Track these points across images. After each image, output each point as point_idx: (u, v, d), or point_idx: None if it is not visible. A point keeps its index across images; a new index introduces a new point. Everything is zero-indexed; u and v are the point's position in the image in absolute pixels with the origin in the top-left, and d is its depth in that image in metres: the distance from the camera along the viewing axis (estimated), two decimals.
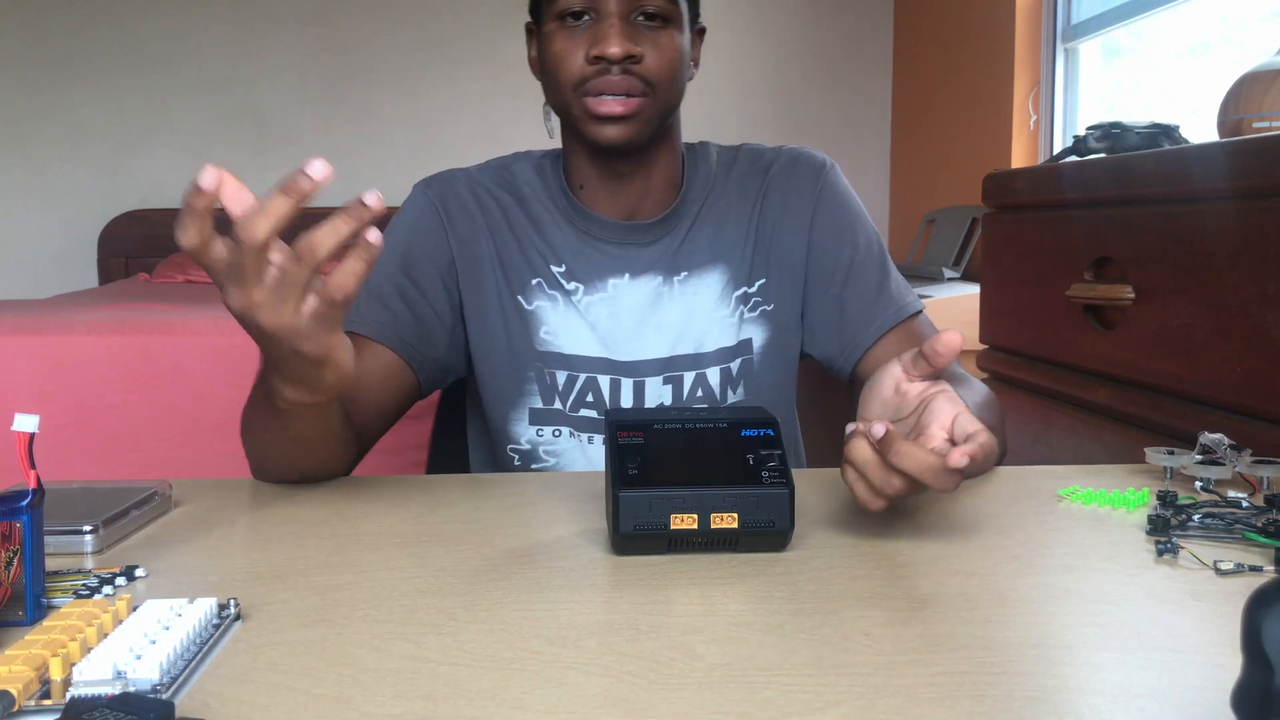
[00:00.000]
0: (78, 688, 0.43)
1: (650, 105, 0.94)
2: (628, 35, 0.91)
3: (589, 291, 1.02)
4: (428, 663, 0.48)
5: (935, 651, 0.49)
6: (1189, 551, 0.63)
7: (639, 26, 0.93)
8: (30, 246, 3.96)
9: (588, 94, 0.93)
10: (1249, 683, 0.34)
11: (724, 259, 1.04)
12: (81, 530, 0.66)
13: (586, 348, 1.02)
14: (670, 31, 0.94)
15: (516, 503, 0.78)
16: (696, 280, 1.03)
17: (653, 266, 1.03)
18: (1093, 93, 2.74)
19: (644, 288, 1.03)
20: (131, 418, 1.89)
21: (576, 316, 1.02)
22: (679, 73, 0.96)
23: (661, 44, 0.93)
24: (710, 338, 1.03)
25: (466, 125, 3.96)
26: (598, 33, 0.92)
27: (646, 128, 0.95)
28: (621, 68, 0.92)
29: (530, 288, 1.03)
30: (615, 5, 0.92)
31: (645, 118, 0.94)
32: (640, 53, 0.92)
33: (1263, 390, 1.08)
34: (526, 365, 1.02)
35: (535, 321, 1.02)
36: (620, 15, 0.92)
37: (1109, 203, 1.41)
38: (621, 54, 0.91)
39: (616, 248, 1.03)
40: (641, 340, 1.02)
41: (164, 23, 3.91)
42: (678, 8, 0.95)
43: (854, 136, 4.00)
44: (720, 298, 1.03)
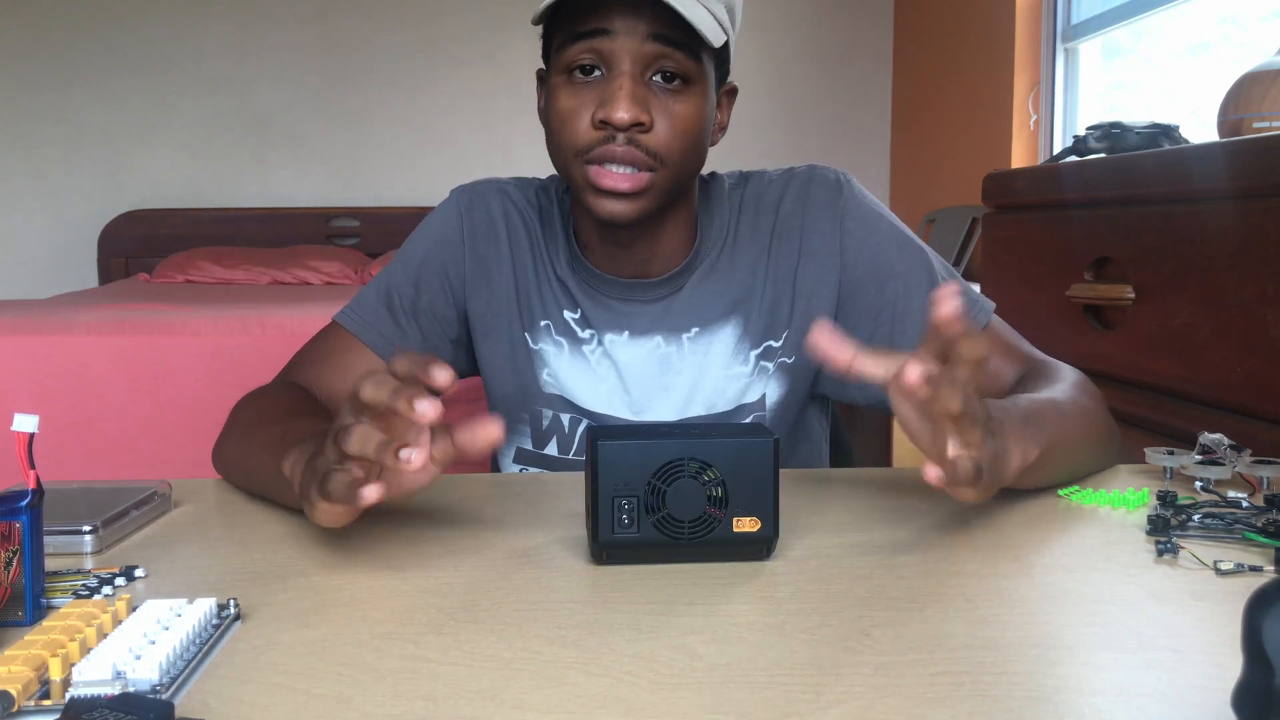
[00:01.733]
0: (77, 688, 0.43)
1: (660, 180, 0.85)
2: (637, 98, 0.81)
3: (597, 344, 0.96)
4: (428, 663, 0.48)
5: (935, 651, 0.49)
6: (1189, 551, 0.63)
7: (654, 88, 0.83)
8: (30, 246, 3.96)
9: (590, 162, 0.84)
10: (1249, 683, 0.34)
11: (738, 312, 0.95)
12: (81, 530, 0.66)
13: (593, 399, 0.96)
14: (690, 96, 0.84)
15: (517, 503, 0.78)
16: (709, 337, 0.95)
17: (656, 326, 0.95)
18: (1093, 93, 2.74)
19: (643, 348, 0.95)
20: (131, 418, 1.89)
21: (585, 367, 0.96)
22: (695, 144, 0.86)
23: (676, 111, 0.83)
24: (723, 397, 0.95)
25: (466, 125, 3.96)
26: (607, 92, 0.82)
27: (653, 204, 0.86)
28: (628, 136, 0.82)
29: (538, 328, 0.97)
30: (628, 63, 0.82)
31: (653, 194, 0.85)
32: (649, 120, 0.82)
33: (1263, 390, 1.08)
34: (525, 405, 0.98)
35: (539, 362, 0.97)
36: (632, 75, 0.82)
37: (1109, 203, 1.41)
38: (628, 120, 0.81)
39: (619, 304, 0.95)
40: (651, 400, 0.95)
41: (164, 23, 3.92)
42: (701, 68, 0.84)
43: (854, 136, 4.00)
44: (735, 353, 0.95)
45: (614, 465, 0.61)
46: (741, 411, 0.96)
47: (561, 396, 0.97)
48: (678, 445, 0.61)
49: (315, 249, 3.69)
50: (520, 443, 0.99)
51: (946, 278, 0.95)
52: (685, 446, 0.61)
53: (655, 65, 0.83)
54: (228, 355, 1.93)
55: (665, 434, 0.63)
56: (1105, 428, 0.85)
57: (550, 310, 0.97)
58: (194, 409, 1.89)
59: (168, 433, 1.89)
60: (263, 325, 1.99)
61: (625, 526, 0.61)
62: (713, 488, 0.61)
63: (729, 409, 0.96)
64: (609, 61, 0.83)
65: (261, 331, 1.97)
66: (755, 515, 0.62)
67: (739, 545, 0.62)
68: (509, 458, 1.00)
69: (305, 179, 3.99)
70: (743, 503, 0.61)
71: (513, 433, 0.99)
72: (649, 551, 0.62)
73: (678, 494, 0.61)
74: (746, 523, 0.62)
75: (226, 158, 3.98)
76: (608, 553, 0.62)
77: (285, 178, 3.99)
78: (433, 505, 0.77)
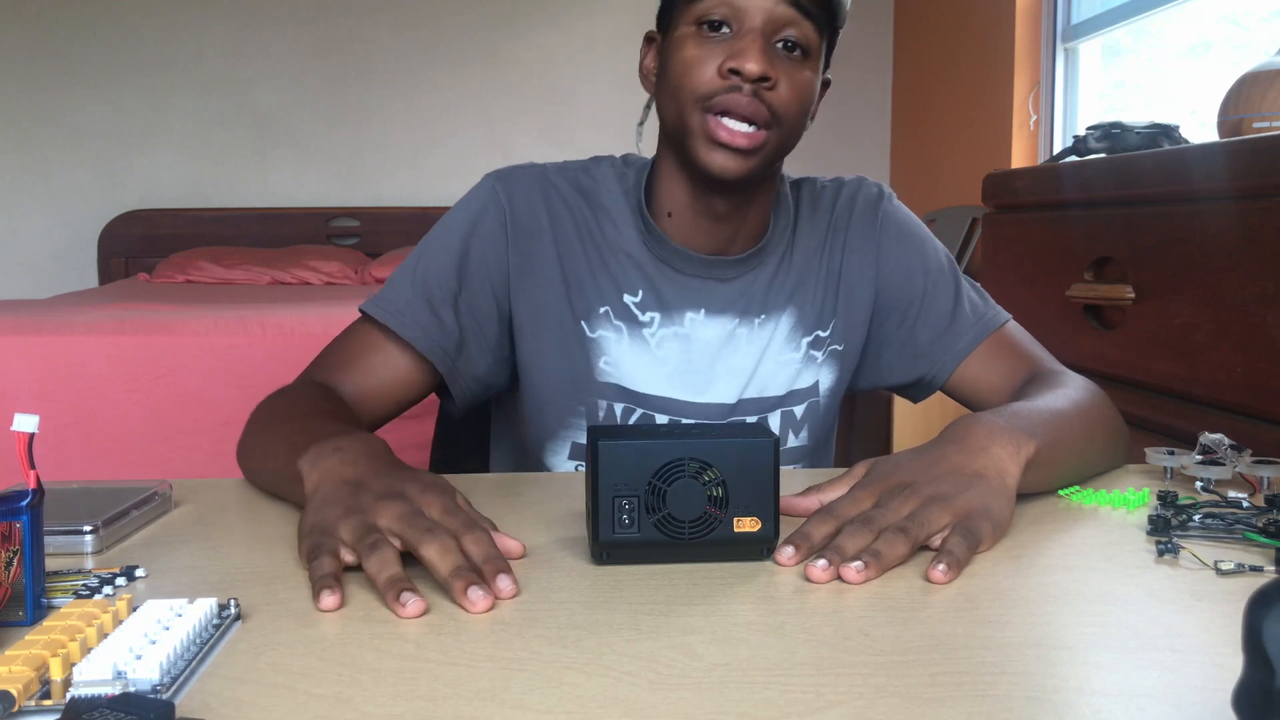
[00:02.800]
0: (78, 688, 0.43)
1: (772, 139, 0.86)
2: (768, 55, 0.84)
3: (664, 324, 0.95)
4: (428, 663, 0.48)
5: (935, 651, 0.49)
6: (1189, 551, 0.63)
7: (778, 53, 0.85)
8: (30, 246, 3.96)
9: (711, 110, 0.85)
10: (1249, 683, 0.34)
11: (795, 301, 0.99)
12: (81, 530, 0.65)
13: (651, 383, 0.95)
14: (808, 67, 0.87)
15: (517, 503, 0.78)
16: (772, 324, 0.98)
17: (731, 305, 0.96)
18: (1093, 93, 2.74)
19: (720, 327, 0.96)
20: (131, 418, 1.89)
21: (645, 350, 0.95)
22: (806, 110, 0.89)
23: (797, 76, 0.86)
24: (775, 382, 0.98)
25: (466, 125, 3.96)
26: (736, 47, 0.84)
27: (762, 164, 0.88)
28: (754, 88, 0.84)
29: (596, 315, 0.95)
30: (760, 20, 0.84)
31: (765, 152, 0.87)
32: (776, 76, 0.84)
33: (1263, 390, 1.08)
34: (579, 397, 0.95)
35: (596, 351, 0.95)
36: (764, 33, 0.84)
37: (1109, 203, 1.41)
38: (759, 71, 0.82)
39: (697, 280, 0.95)
40: (713, 381, 0.97)
41: (164, 23, 3.91)
42: (821, 44, 0.88)
43: (854, 136, 3.99)
44: (788, 340, 0.98)
45: (614, 465, 0.61)
46: (793, 397, 0.99)
47: (617, 385, 0.95)
48: (678, 445, 0.61)
49: (315, 249, 3.69)
50: (575, 437, 0.96)
51: (971, 285, 1.03)
52: (686, 446, 0.61)
53: (782, 31, 0.85)
54: (228, 355, 1.93)
55: (665, 434, 0.63)
56: (1108, 428, 0.86)
57: (608, 295, 0.95)
58: (194, 409, 1.89)
59: (168, 433, 1.89)
60: (263, 325, 1.98)
61: (625, 526, 0.61)
62: (713, 488, 0.61)
63: (781, 394, 0.99)
64: (740, 18, 0.85)
65: (261, 331, 1.97)
66: (755, 515, 0.62)
67: (739, 545, 0.62)
68: (563, 455, 0.97)
69: (305, 179, 3.99)
70: (743, 503, 0.61)
71: (565, 428, 0.96)
72: (649, 551, 0.62)
73: (678, 494, 0.61)
74: (747, 523, 0.62)
75: (226, 158, 3.98)
76: (608, 553, 0.62)
77: (285, 178, 3.99)
78: None
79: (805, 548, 0.63)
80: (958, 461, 0.69)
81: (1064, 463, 0.77)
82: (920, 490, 0.66)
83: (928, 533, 0.63)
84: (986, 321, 0.99)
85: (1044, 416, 0.77)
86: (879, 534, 0.62)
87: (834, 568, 0.59)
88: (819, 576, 0.59)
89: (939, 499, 0.65)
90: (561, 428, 0.96)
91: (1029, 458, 0.71)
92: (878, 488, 0.68)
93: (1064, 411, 0.80)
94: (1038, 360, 0.97)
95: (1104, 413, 0.87)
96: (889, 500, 0.66)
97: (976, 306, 1.00)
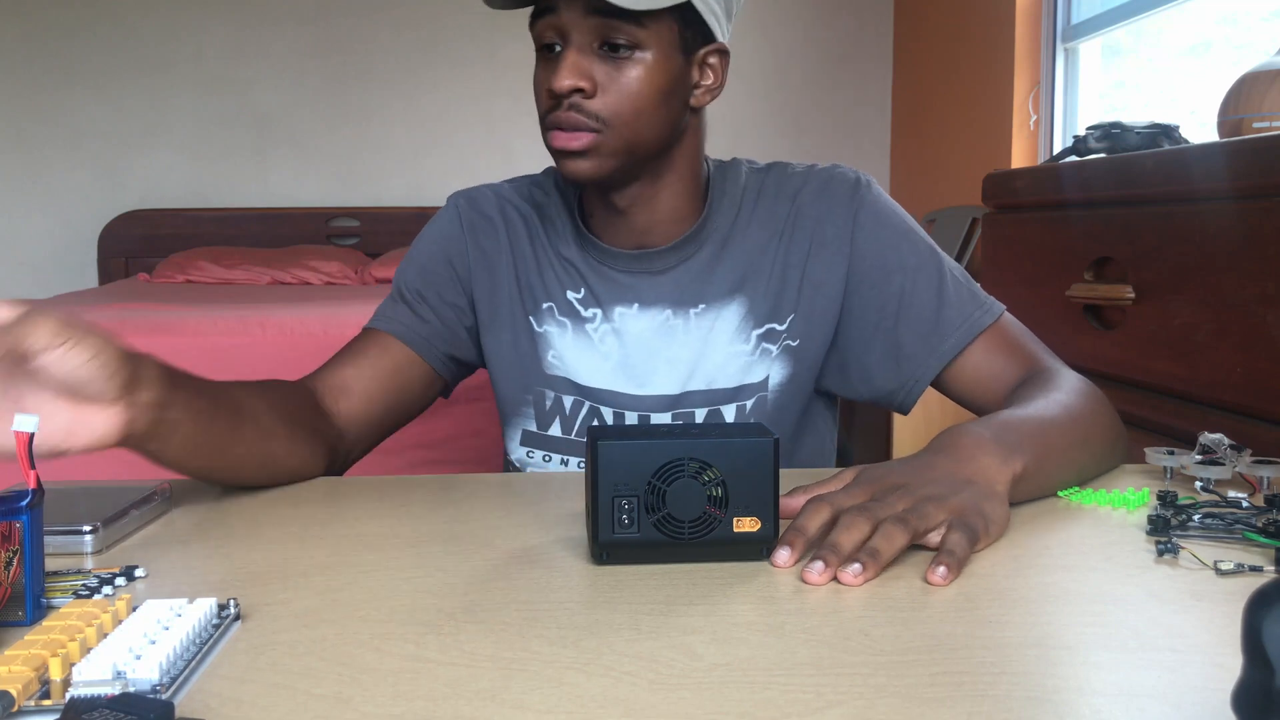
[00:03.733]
0: (77, 688, 0.43)
1: (607, 140, 0.88)
2: (579, 69, 0.86)
3: (604, 320, 0.99)
4: (428, 663, 0.48)
5: (935, 651, 0.49)
6: (1189, 551, 0.63)
7: (604, 57, 0.87)
8: (30, 246, 3.96)
9: (548, 128, 0.89)
10: (1249, 683, 0.34)
11: (744, 291, 0.98)
12: (81, 530, 0.65)
13: (596, 377, 0.99)
14: (639, 64, 0.87)
15: (517, 502, 0.78)
16: (714, 313, 0.97)
17: (664, 298, 0.98)
18: (1093, 93, 2.74)
19: (652, 319, 0.98)
20: None
21: (588, 345, 0.99)
22: (645, 108, 0.88)
23: (617, 80, 0.87)
24: (724, 374, 0.98)
25: (466, 125, 3.96)
26: (552, 67, 0.87)
27: (608, 164, 0.89)
28: (570, 102, 0.87)
29: (541, 311, 1.01)
30: (575, 36, 0.86)
31: (603, 154, 0.88)
32: (590, 86, 0.86)
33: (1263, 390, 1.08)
34: (529, 387, 1.01)
35: (544, 344, 1.00)
36: (579, 46, 0.86)
37: (1109, 203, 1.41)
38: (565, 88, 0.85)
39: (628, 276, 0.98)
40: (653, 374, 0.98)
41: (164, 23, 3.91)
42: (654, 34, 0.87)
43: (854, 136, 3.99)
44: (737, 332, 0.97)
45: (614, 465, 0.61)
46: (743, 391, 0.98)
47: (564, 378, 1.00)
48: (678, 445, 0.61)
49: (315, 249, 3.69)
50: (525, 425, 1.02)
51: (958, 278, 0.97)
52: (685, 446, 0.61)
53: (602, 36, 0.87)
54: (228, 355, 1.93)
55: (665, 434, 0.63)
56: (1103, 432, 0.85)
57: (553, 292, 1.01)
58: None
59: None
60: (263, 325, 1.98)
61: (625, 526, 0.61)
62: (713, 487, 0.61)
63: (730, 386, 0.98)
64: (563, 36, 0.88)
65: (261, 331, 1.97)
66: (755, 515, 0.62)
67: (739, 545, 0.62)
68: (515, 440, 1.03)
69: (305, 179, 3.99)
70: (743, 503, 0.61)
71: (518, 415, 1.02)
72: (649, 551, 0.62)
73: (678, 494, 0.61)
74: (746, 523, 0.62)
75: (226, 158, 3.98)
76: (608, 553, 0.62)
77: (285, 178, 3.99)
78: (433, 505, 0.77)
79: (801, 542, 0.62)
80: (947, 467, 0.68)
81: (1054, 473, 0.76)
82: (914, 490, 0.65)
83: (926, 526, 0.62)
84: (974, 320, 0.94)
85: (1032, 428, 0.76)
86: (876, 525, 0.61)
87: (831, 570, 0.59)
88: (816, 580, 0.58)
89: (934, 498, 0.64)
90: (515, 415, 1.03)
91: (1016, 474, 0.70)
92: (871, 487, 0.67)
93: (1055, 420, 0.79)
94: (1035, 358, 0.93)
95: (1099, 415, 0.85)
96: (884, 497, 0.65)
97: (964, 303, 0.95)
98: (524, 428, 1.02)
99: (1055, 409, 0.81)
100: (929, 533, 0.63)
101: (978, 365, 0.94)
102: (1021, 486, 0.71)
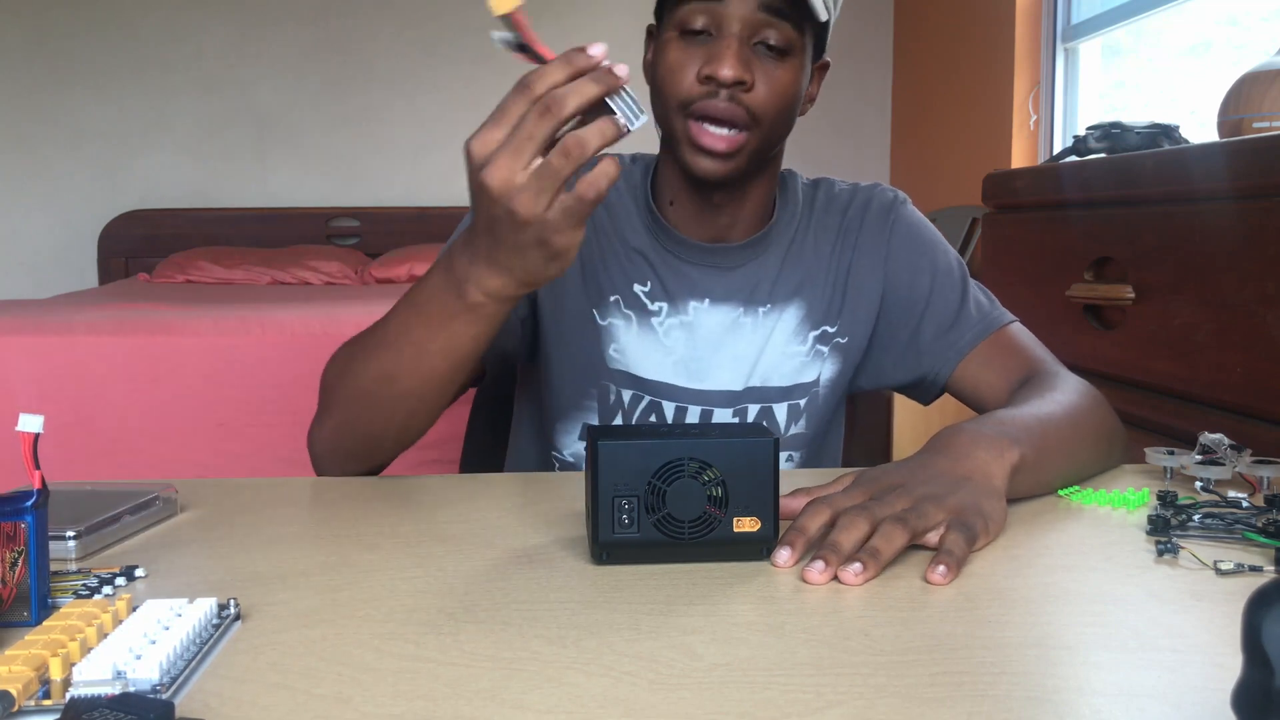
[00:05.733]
0: (78, 688, 0.43)
1: (753, 139, 0.90)
2: (743, 59, 0.87)
3: (672, 313, 1.00)
4: (428, 663, 0.48)
5: (935, 651, 0.49)
6: (1189, 551, 0.63)
7: (758, 54, 0.89)
8: (30, 246, 3.96)
9: (692, 115, 0.89)
10: (1249, 683, 0.34)
11: (803, 294, 1.02)
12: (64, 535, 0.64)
13: (658, 371, 1.00)
14: (789, 64, 0.90)
15: (517, 502, 0.78)
16: (778, 313, 1.01)
17: (735, 294, 1.00)
18: (1093, 93, 2.74)
19: (723, 315, 1.00)
20: (131, 418, 1.89)
21: (652, 338, 1.00)
22: (789, 108, 0.92)
23: (776, 76, 0.89)
24: (780, 373, 1.01)
25: (466, 125, 3.92)
26: (713, 51, 0.88)
27: (746, 164, 0.92)
28: (730, 93, 0.88)
29: (607, 304, 1.01)
30: (737, 27, 0.87)
31: (746, 153, 0.91)
32: (751, 80, 0.88)
33: (1263, 390, 1.08)
34: (592, 380, 1.00)
35: (606, 338, 1.00)
36: (740, 38, 0.88)
37: (1109, 203, 1.41)
38: (733, 77, 0.86)
39: (699, 270, 1.00)
40: (718, 369, 1.00)
41: (164, 23, 3.91)
42: (803, 40, 0.91)
43: (854, 136, 4.00)
44: (795, 333, 1.01)
45: (614, 465, 0.61)
46: (797, 390, 1.02)
47: (626, 371, 1.00)
48: (678, 445, 0.61)
49: (315, 249, 3.69)
50: (588, 418, 1.01)
51: (979, 288, 1.05)
52: (685, 446, 0.61)
53: (760, 33, 0.88)
54: (228, 355, 1.93)
55: (665, 434, 0.63)
56: (1102, 431, 0.86)
57: (619, 284, 1.01)
58: (194, 409, 1.89)
59: (167, 433, 1.89)
60: (263, 325, 1.98)
61: (625, 526, 0.61)
62: (713, 487, 0.61)
63: (785, 385, 1.01)
64: (719, 24, 0.88)
65: (261, 331, 1.97)
66: (755, 515, 0.62)
67: (739, 545, 0.62)
68: (574, 435, 1.02)
69: (305, 179, 3.99)
70: (743, 503, 0.61)
71: (578, 409, 1.01)
72: (649, 551, 0.62)
73: (678, 494, 0.61)
74: (746, 523, 0.62)
75: (226, 158, 3.98)
76: (608, 552, 0.62)
77: (285, 178, 3.99)
78: (433, 505, 0.77)
79: (801, 542, 0.62)
80: (944, 466, 0.69)
81: (1052, 467, 0.77)
82: (912, 490, 0.66)
83: (925, 526, 0.63)
84: (990, 321, 1.00)
85: (1029, 422, 0.77)
86: (876, 525, 0.62)
87: (831, 569, 0.59)
88: (816, 579, 0.59)
89: (931, 498, 0.65)
90: (574, 409, 1.01)
91: (1014, 464, 0.71)
92: (870, 488, 0.67)
93: (1052, 416, 0.80)
94: (1039, 362, 0.97)
95: (1097, 415, 0.86)
96: (883, 496, 0.65)
97: (982, 307, 1.02)
98: (585, 421, 1.02)
99: (1053, 406, 0.83)
100: (928, 532, 0.63)
101: (986, 365, 0.99)
102: (1020, 479, 0.72)
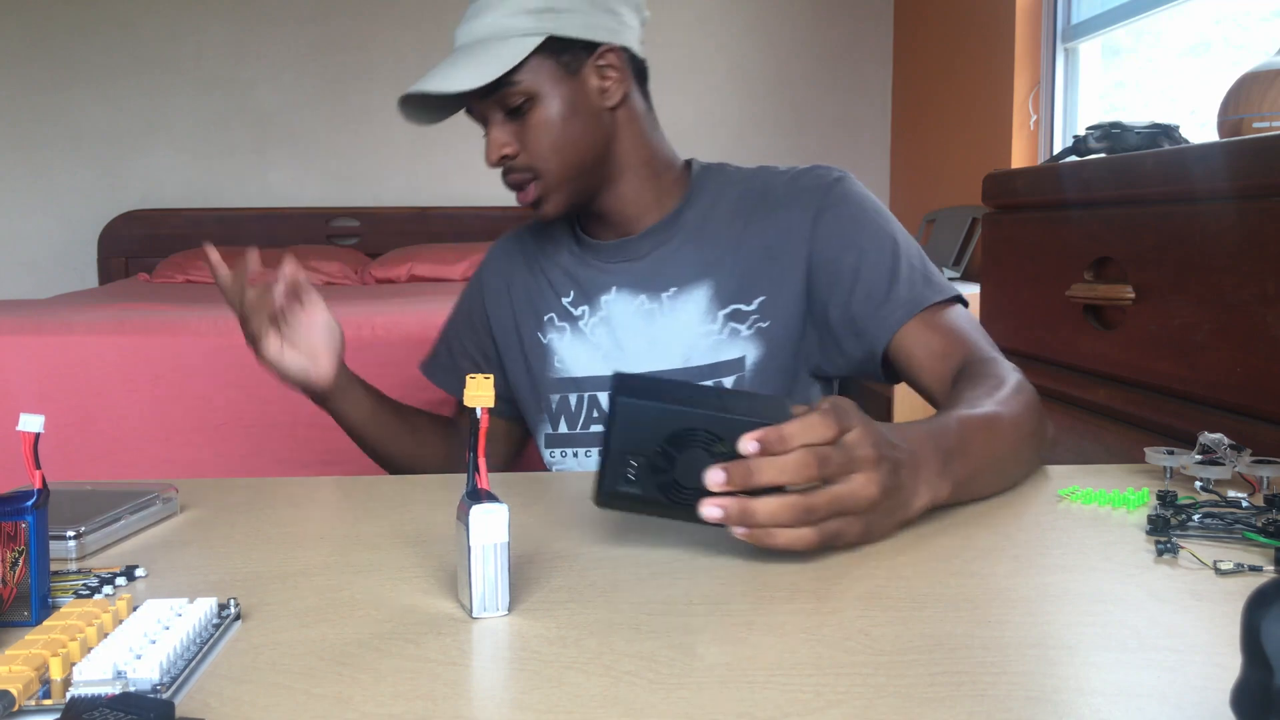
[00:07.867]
0: (78, 687, 0.43)
1: (547, 181, 1.00)
2: (498, 142, 0.99)
3: (592, 313, 1.08)
4: (428, 663, 0.48)
5: (935, 651, 0.49)
6: (1189, 551, 0.63)
7: (512, 120, 0.99)
8: (30, 246, 3.96)
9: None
10: (1249, 683, 0.34)
11: (711, 274, 1.04)
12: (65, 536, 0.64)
13: (591, 368, 1.08)
14: (535, 112, 0.98)
15: (516, 502, 0.78)
16: (685, 296, 1.05)
17: (639, 282, 1.06)
18: (1093, 93, 2.74)
19: (632, 303, 1.06)
20: (131, 418, 1.89)
21: (583, 340, 1.09)
22: (559, 141, 0.99)
23: (528, 131, 0.99)
24: (698, 351, 1.04)
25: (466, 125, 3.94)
26: None
27: (562, 197, 1.02)
28: (505, 168, 1.01)
29: (544, 323, 1.11)
30: (488, 116, 1.00)
31: (551, 194, 1.01)
32: (515, 149, 0.99)
33: (1263, 390, 1.08)
34: (543, 396, 1.11)
35: (550, 354, 1.10)
36: (494, 123, 1.00)
37: (1109, 203, 1.41)
38: (492, 163, 1.01)
39: (612, 266, 1.08)
40: (640, 355, 1.05)
41: (164, 23, 3.91)
42: (530, 85, 0.97)
43: (854, 136, 4.00)
44: (707, 312, 1.04)
45: (631, 422, 0.61)
46: (720, 369, 1.03)
47: (566, 378, 1.09)
48: (694, 415, 0.61)
49: (315, 249, 3.68)
50: (545, 429, 1.12)
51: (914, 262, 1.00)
52: (701, 417, 0.61)
53: (501, 107, 0.99)
54: (228, 355, 1.93)
55: (685, 400, 0.62)
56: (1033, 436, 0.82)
57: (550, 303, 1.11)
58: (194, 409, 1.89)
59: (168, 433, 1.89)
60: None
61: (630, 482, 0.62)
62: (723, 460, 0.61)
63: (705, 364, 1.04)
64: (483, 120, 1.02)
65: None
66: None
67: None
68: (542, 445, 1.14)
69: (305, 179, 3.99)
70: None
71: (539, 423, 1.13)
72: (649, 508, 0.63)
73: (687, 462, 0.61)
74: None
75: (226, 158, 3.98)
76: (609, 500, 0.62)
77: (285, 178, 3.99)
78: (433, 505, 0.77)
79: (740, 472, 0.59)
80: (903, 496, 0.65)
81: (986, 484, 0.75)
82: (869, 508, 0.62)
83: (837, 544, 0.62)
84: (920, 298, 0.97)
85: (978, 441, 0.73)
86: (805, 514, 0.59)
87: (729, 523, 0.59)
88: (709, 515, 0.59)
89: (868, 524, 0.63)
90: (537, 424, 1.14)
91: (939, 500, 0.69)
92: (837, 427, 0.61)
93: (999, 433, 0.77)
94: (974, 345, 0.94)
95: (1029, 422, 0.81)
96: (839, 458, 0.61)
97: (915, 285, 0.98)
98: (545, 432, 1.12)
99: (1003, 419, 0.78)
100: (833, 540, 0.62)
101: (917, 342, 0.96)
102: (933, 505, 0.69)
